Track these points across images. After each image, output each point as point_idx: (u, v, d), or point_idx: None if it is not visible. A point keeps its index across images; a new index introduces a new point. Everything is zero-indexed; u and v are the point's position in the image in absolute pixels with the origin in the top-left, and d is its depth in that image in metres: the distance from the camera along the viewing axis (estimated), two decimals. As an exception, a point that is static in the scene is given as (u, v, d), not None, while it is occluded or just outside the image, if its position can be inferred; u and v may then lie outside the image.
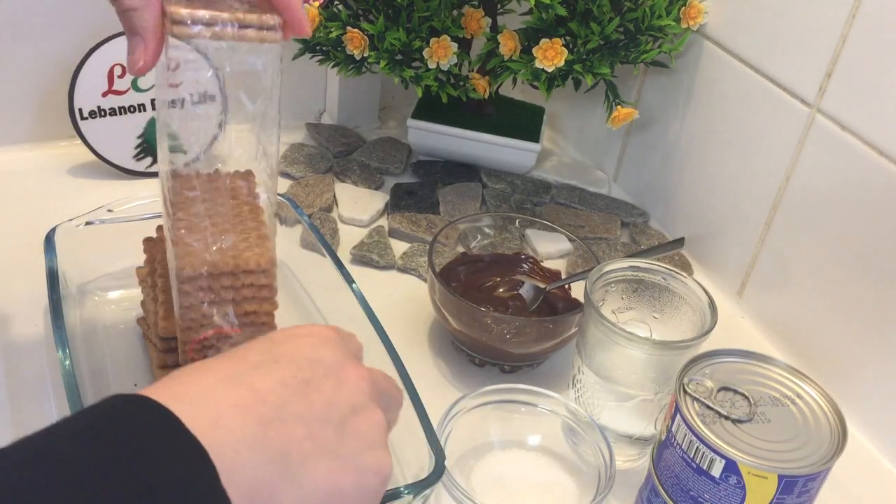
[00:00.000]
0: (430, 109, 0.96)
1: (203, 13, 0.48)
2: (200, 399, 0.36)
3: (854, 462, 0.69)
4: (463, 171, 0.97)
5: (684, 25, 0.83)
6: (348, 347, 0.45)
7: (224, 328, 0.56)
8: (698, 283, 0.63)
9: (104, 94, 0.85)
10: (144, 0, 0.49)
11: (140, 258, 0.65)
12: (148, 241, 0.65)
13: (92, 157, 0.87)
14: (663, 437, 0.55)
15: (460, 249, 0.78)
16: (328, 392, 0.40)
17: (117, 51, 0.84)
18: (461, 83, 0.88)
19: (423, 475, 0.53)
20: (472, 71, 0.89)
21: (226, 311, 0.56)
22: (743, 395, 0.54)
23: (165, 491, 0.32)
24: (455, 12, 0.86)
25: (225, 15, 0.48)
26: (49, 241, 0.66)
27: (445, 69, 0.85)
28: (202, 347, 0.57)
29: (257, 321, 0.59)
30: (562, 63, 0.80)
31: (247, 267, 0.55)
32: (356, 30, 0.83)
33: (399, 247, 0.85)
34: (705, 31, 0.84)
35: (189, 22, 0.47)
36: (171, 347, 0.59)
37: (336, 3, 0.87)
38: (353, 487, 0.39)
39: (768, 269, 0.80)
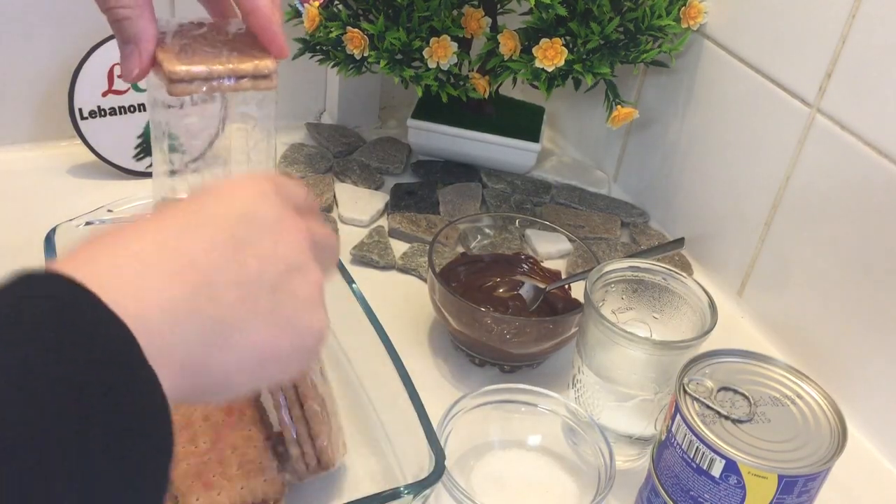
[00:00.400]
0: (430, 109, 0.96)
1: (200, 69, 0.47)
2: (127, 268, 0.34)
3: (854, 462, 0.69)
4: (463, 171, 0.97)
5: (684, 25, 0.83)
6: (287, 198, 0.41)
7: None
8: (698, 283, 0.63)
9: (104, 94, 0.85)
10: (137, 9, 0.49)
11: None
12: None
13: (92, 157, 0.87)
14: (663, 437, 0.55)
15: (460, 249, 0.78)
16: (263, 252, 0.38)
17: (117, 51, 0.84)
18: (461, 83, 0.88)
19: (423, 475, 0.53)
20: (472, 71, 0.89)
21: None
22: (743, 395, 0.54)
23: (86, 377, 0.30)
24: (455, 12, 0.86)
25: (220, 68, 0.48)
26: (49, 241, 0.66)
27: (445, 69, 0.85)
28: None
29: None
30: (562, 63, 0.80)
31: None
32: (356, 30, 0.83)
33: (399, 247, 0.85)
34: (705, 31, 0.84)
35: (187, 80, 0.47)
36: None
37: (336, 3, 0.87)
38: (289, 348, 0.39)
39: (768, 269, 0.80)
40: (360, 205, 0.89)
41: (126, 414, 0.30)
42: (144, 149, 0.88)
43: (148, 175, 0.88)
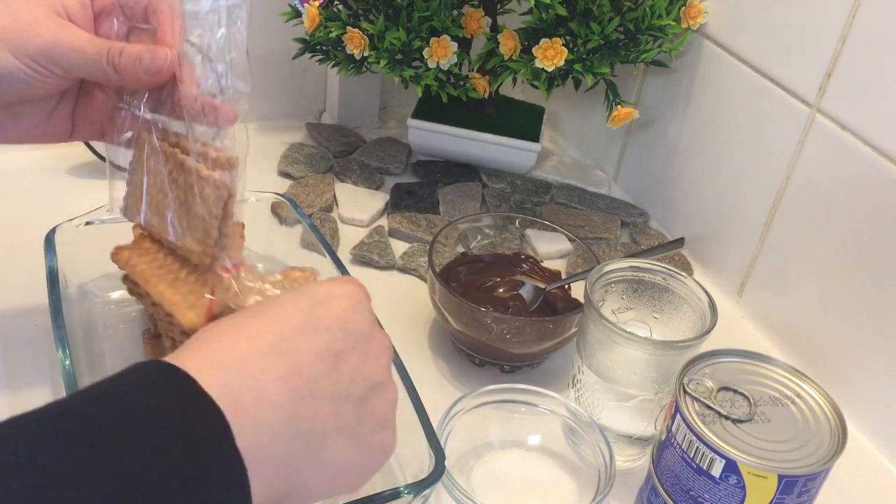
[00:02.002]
0: (430, 109, 0.96)
1: None
2: (244, 370, 0.37)
3: (854, 462, 0.69)
4: (463, 171, 0.97)
5: (684, 25, 0.83)
6: (370, 306, 0.45)
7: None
8: (698, 283, 0.63)
9: (104, 94, 0.85)
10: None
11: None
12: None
13: (92, 157, 0.87)
14: (663, 437, 0.55)
15: (460, 249, 0.78)
16: (354, 366, 0.41)
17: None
18: (461, 83, 0.88)
19: (423, 475, 0.53)
20: (472, 71, 0.89)
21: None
22: (743, 395, 0.54)
23: (185, 473, 0.32)
24: (455, 12, 0.86)
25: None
26: (49, 241, 0.66)
27: (445, 69, 0.85)
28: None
29: None
30: (562, 63, 0.80)
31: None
32: (356, 30, 0.83)
33: (399, 247, 0.85)
34: (705, 31, 0.84)
35: None
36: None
37: (336, 3, 0.87)
38: (360, 464, 0.42)
39: (768, 269, 0.80)
40: (360, 205, 0.89)
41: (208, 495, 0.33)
42: (144, 149, 0.88)
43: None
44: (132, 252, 0.59)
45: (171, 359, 0.36)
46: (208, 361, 0.36)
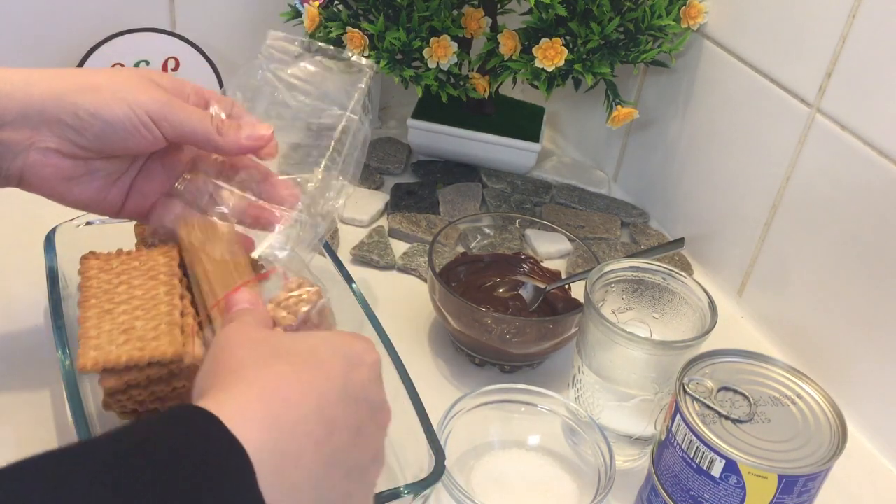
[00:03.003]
0: (430, 109, 0.96)
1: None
2: (293, 432, 0.39)
3: (854, 462, 0.69)
4: (463, 171, 0.97)
5: (684, 25, 0.83)
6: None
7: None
8: (698, 283, 0.63)
9: (104, 94, 0.85)
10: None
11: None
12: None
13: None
14: (663, 437, 0.55)
15: (460, 249, 0.78)
16: (367, 438, 0.43)
17: (117, 51, 0.84)
18: (461, 83, 0.88)
19: (423, 475, 0.53)
20: (472, 71, 0.89)
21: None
22: (743, 395, 0.54)
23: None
24: (455, 12, 0.86)
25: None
26: (49, 241, 0.66)
27: (445, 69, 0.85)
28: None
29: None
30: (562, 63, 0.80)
31: (152, 359, 0.51)
32: (356, 30, 0.83)
33: (399, 247, 0.85)
34: (705, 31, 0.84)
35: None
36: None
37: (336, 3, 0.87)
38: None
39: (768, 269, 0.80)
40: (360, 205, 0.89)
41: None
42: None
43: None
44: (99, 263, 0.58)
45: (216, 399, 0.38)
46: (261, 413, 0.38)
